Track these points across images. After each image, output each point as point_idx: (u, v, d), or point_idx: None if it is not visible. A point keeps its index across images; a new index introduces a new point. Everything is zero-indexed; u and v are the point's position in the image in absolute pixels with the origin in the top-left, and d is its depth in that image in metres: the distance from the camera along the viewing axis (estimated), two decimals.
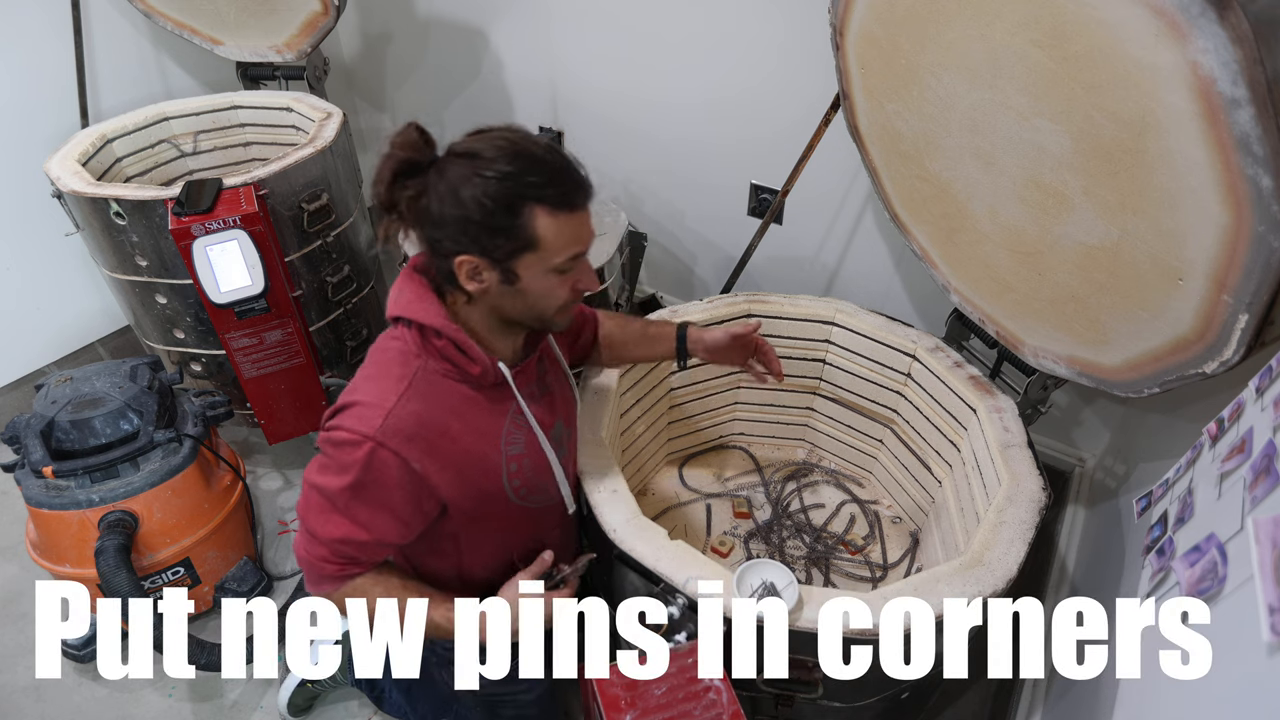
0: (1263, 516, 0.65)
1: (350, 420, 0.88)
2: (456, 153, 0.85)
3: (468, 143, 0.86)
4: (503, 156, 0.83)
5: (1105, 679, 1.01)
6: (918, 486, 1.59)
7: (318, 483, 0.91)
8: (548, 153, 0.86)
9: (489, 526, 1.04)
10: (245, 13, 1.96)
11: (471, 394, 0.95)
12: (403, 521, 0.94)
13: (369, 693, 1.48)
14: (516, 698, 1.25)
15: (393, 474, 0.89)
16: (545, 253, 0.87)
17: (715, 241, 2.15)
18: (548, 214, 0.85)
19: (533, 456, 1.03)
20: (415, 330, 0.92)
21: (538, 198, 0.84)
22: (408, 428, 0.89)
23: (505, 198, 0.83)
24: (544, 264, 0.88)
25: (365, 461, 0.87)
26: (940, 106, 1.20)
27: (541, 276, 0.89)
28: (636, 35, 1.92)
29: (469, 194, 0.82)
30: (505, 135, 0.86)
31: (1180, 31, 0.81)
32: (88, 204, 1.58)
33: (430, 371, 0.92)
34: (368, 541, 0.92)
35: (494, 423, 0.98)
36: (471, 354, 0.92)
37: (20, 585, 1.77)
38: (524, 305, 0.92)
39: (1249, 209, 0.83)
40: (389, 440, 0.87)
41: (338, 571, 0.94)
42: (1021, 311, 1.27)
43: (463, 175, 0.83)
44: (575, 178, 0.87)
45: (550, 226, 0.85)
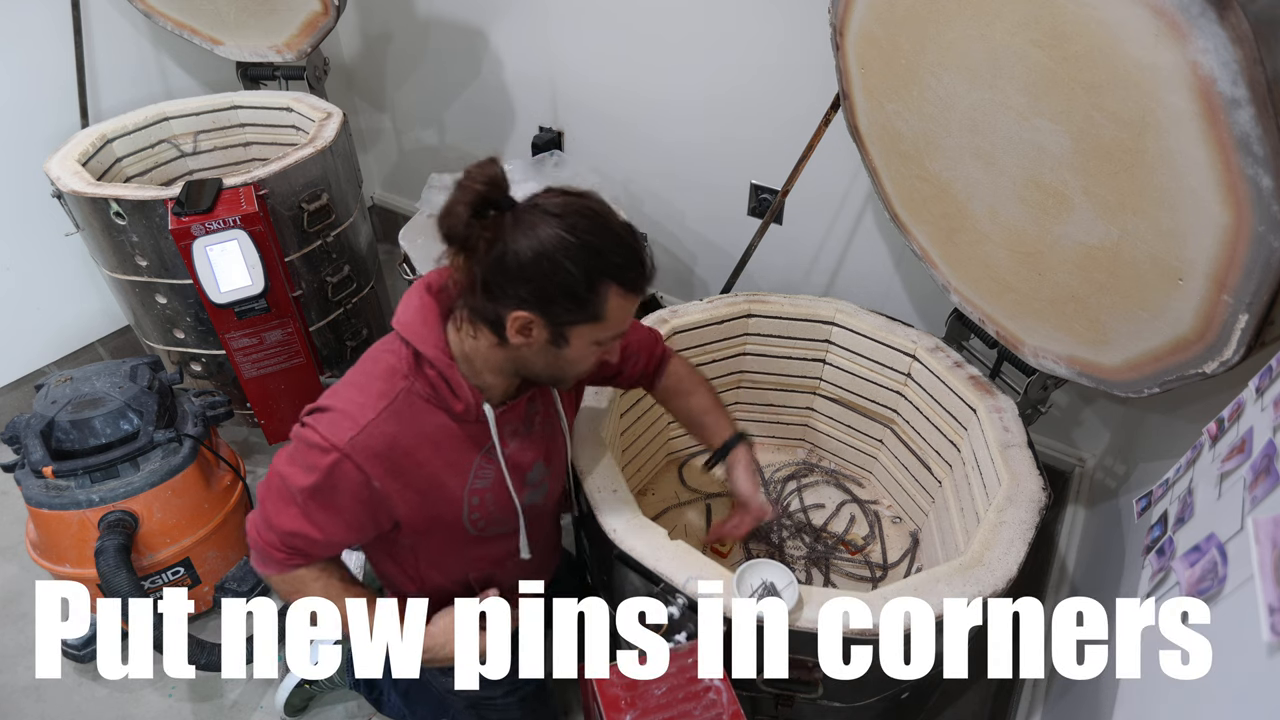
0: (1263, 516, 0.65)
1: (324, 425, 0.88)
2: (542, 208, 0.83)
3: (553, 201, 0.85)
4: (593, 229, 0.83)
5: (1105, 679, 1.01)
6: (918, 486, 1.59)
7: (283, 472, 0.91)
8: (628, 233, 0.88)
9: (443, 546, 1.05)
10: (245, 13, 1.97)
11: (449, 424, 0.95)
12: (355, 529, 0.94)
13: (367, 695, 1.48)
14: (495, 701, 1.25)
15: (352, 487, 0.90)
16: (603, 327, 0.89)
17: (715, 241, 2.15)
18: (620, 295, 0.86)
19: (497, 494, 1.03)
20: (410, 352, 0.92)
21: (615, 276, 0.85)
22: (377, 446, 0.89)
23: (588, 266, 0.83)
24: (595, 336, 0.90)
25: (328, 469, 0.87)
26: (940, 106, 1.20)
27: (586, 347, 0.91)
28: (636, 35, 1.92)
29: (554, 253, 0.81)
30: (591, 205, 0.86)
31: (1180, 31, 0.81)
32: (88, 204, 1.58)
33: (414, 394, 0.92)
34: (318, 540, 0.93)
35: (465, 455, 0.97)
36: (458, 391, 0.92)
37: (20, 585, 1.77)
38: (553, 366, 0.93)
39: (1249, 209, 0.83)
40: (355, 455, 0.88)
41: (284, 559, 0.95)
42: (1021, 311, 1.27)
43: (552, 235, 0.81)
44: (647, 264, 0.89)
45: (618, 306, 0.87)
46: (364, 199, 2.10)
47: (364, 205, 2.05)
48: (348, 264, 1.90)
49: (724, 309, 1.59)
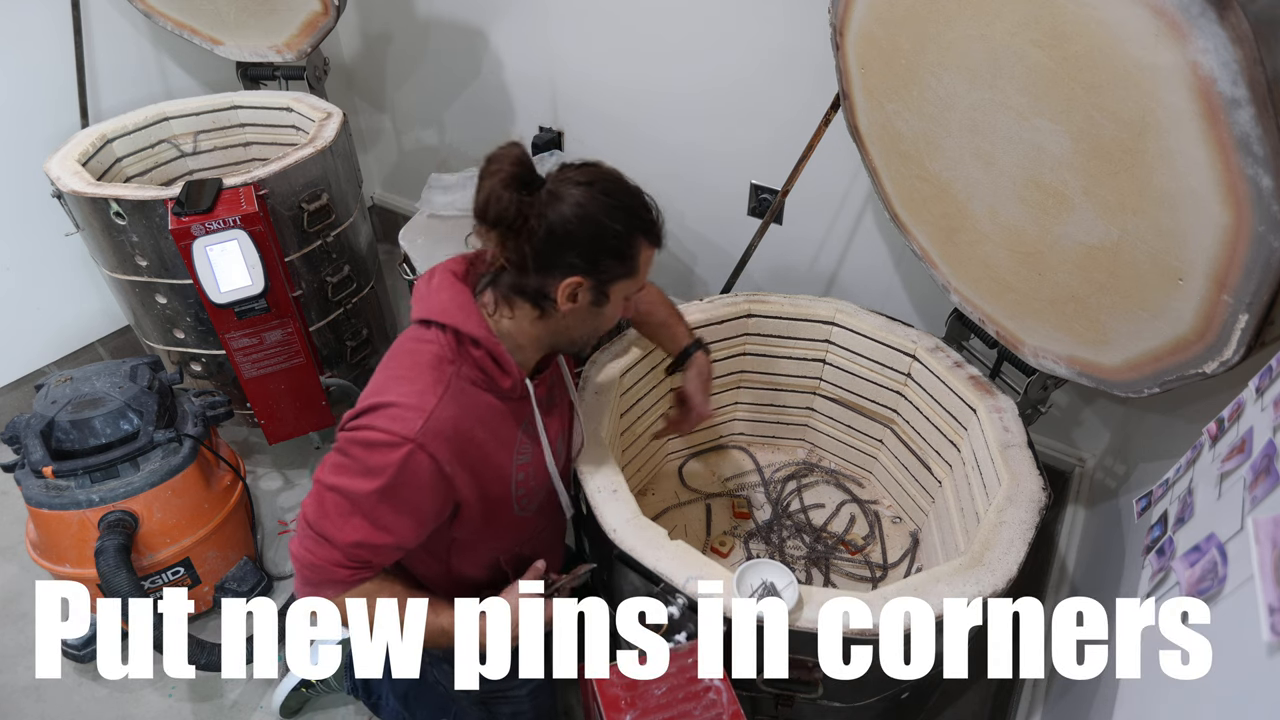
0: (1263, 516, 0.65)
1: (386, 421, 0.87)
2: (573, 179, 0.89)
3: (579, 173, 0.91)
4: (622, 190, 0.91)
5: (1105, 679, 1.01)
6: (918, 486, 1.59)
7: (338, 484, 0.89)
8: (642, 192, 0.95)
9: (487, 532, 1.06)
10: (245, 13, 1.96)
11: (495, 403, 0.97)
12: (422, 525, 0.94)
13: (365, 699, 1.47)
14: (510, 694, 1.26)
15: (426, 477, 0.89)
16: (635, 280, 0.96)
17: (715, 241, 2.15)
18: (647, 245, 0.94)
19: (537, 466, 1.06)
20: (451, 335, 0.93)
21: (645, 230, 0.92)
22: (446, 430, 0.90)
23: (627, 223, 0.90)
24: (629, 289, 0.96)
25: (401, 463, 0.87)
26: (940, 106, 1.20)
27: (620, 303, 0.97)
28: (636, 35, 1.92)
29: (599, 215, 0.88)
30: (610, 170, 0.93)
31: (1180, 31, 0.81)
32: (88, 204, 1.58)
33: (462, 378, 0.94)
34: (385, 545, 0.92)
35: (511, 432, 1.01)
36: (506, 367, 0.95)
37: (20, 585, 1.77)
38: (591, 328, 0.98)
39: (1249, 209, 0.83)
40: (429, 443, 0.88)
41: (349, 576, 0.93)
42: (1021, 311, 1.27)
43: (593, 199, 0.87)
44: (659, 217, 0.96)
45: (646, 256, 0.95)
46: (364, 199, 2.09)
47: (364, 205, 2.05)
48: (348, 264, 1.90)
49: (724, 309, 1.59)
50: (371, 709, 1.48)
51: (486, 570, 1.12)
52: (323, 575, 0.93)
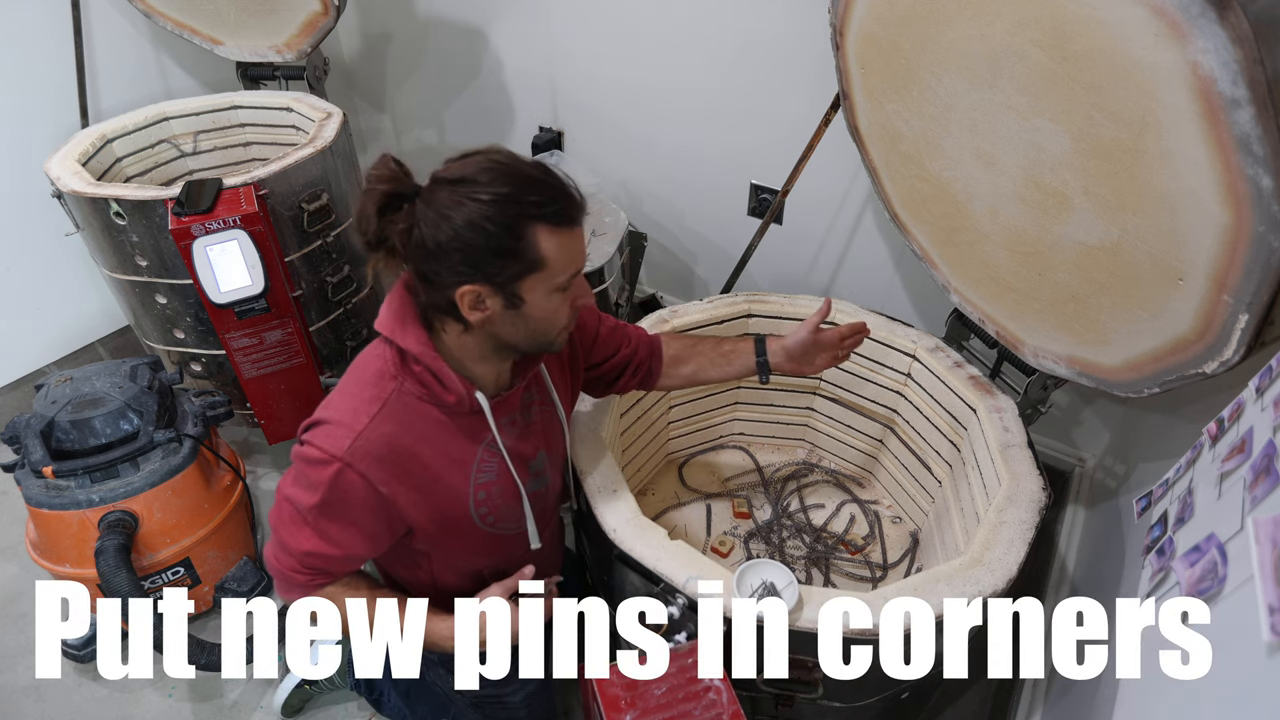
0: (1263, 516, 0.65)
1: (320, 438, 0.88)
2: (445, 180, 0.82)
3: (453, 169, 0.83)
4: (497, 179, 0.81)
5: (1105, 679, 1.01)
6: (918, 486, 1.59)
7: (289, 494, 0.91)
8: (540, 171, 0.84)
9: (457, 547, 1.05)
10: (245, 13, 1.96)
11: (445, 419, 0.94)
12: (371, 539, 0.94)
13: (367, 696, 1.48)
14: (505, 699, 1.25)
15: (359, 495, 0.89)
16: (549, 272, 0.85)
17: (715, 241, 2.15)
18: (550, 232, 0.82)
19: (504, 485, 1.02)
20: (395, 351, 0.91)
21: (539, 216, 0.82)
22: (376, 450, 0.88)
23: (506, 219, 0.80)
24: (548, 284, 0.86)
25: (332, 481, 0.87)
26: (940, 106, 1.20)
27: (545, 298, 0.87)
28: (637, 35, 1.92)
29: (468, 220, 0.79)
30: (492, 157, 0.83)
31: (1180, 31, 0.81)
32: (88, 204, 1.58)
33: (406, 393, 0.91)
34: (336, 556, 0.93)
35: (466, 449, 0.97)
36: (446, 383, 0.91)
37: (20, 585, 1.77)
38: (526, 330, 0.90)
39: (1249, 209, 0.83)
40: (357, 462, 0.87)
41: (307, 581, 0.95)
42: (1021, 311, 1.27)
43: (457, 202, 0.80)
44: (571, 193, 0.85)
45: (553, 245, 0.83)
46: None
47: None
48: (348, 264, 1.90)
49: (724, 309, 1.59)
50: (374, 705, 1.49)
51: (470, 581, 1.11)
52: (283, 580, 0.96)
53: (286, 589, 0.96)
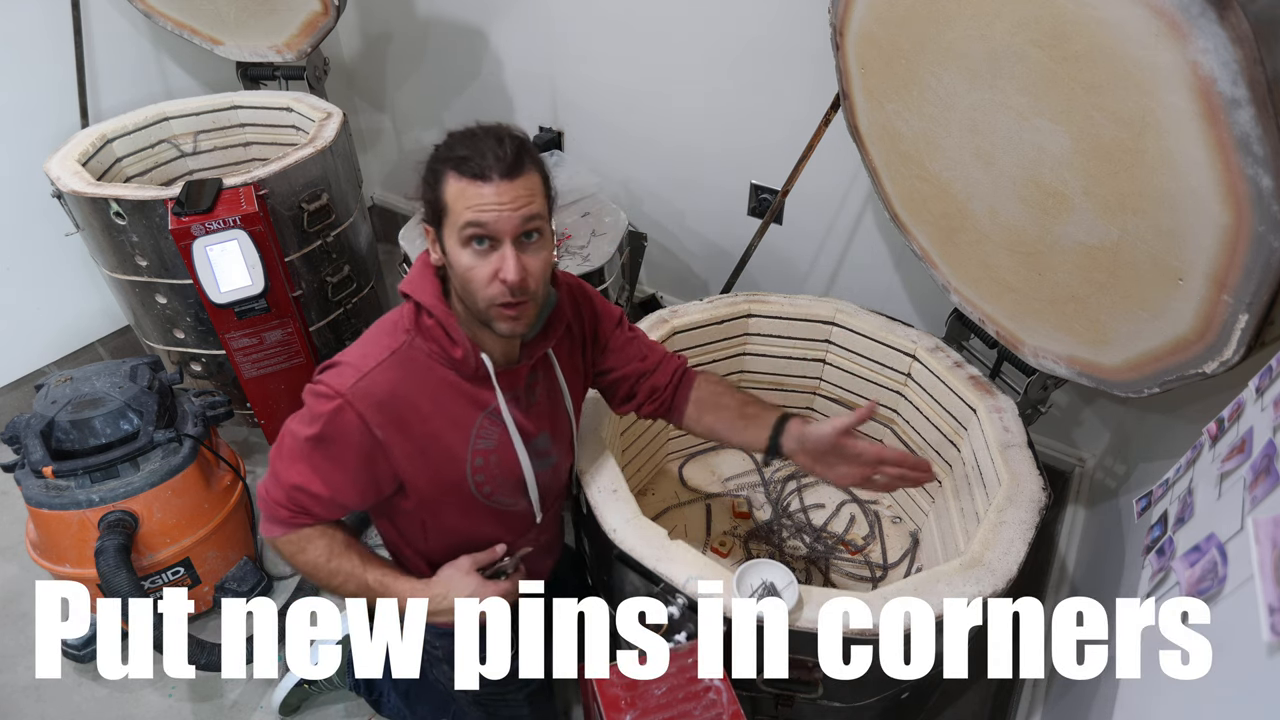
0: (1263, 516, 0.65)
1: (329, 376, 0.93)
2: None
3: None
4: (451, 136, 0.90)
5: (1105, 679, 1.01)
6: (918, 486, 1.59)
7: (291, 427, 0.95)
8: (485, 130, 0.89)
9: (451, 515, 1.05)
10: (245, 13, 1.96)
11: (453, 380, 0.97)
12: (358, 486, 0.96)
13: (366, 696, 1.48)
14: (508, 697, 1.25)
15: (354, 435, 0.92)
16: (453, 217, 0.88)
17: (715, 241, 2.15)
18: (455, 177, 0.87)
19: (503, 455, 1.03)
20: (412, 307, 0.96)
21: (448, 163, 0.88)
22: (379, 393, 0.92)
23: (433, 162, 0.90)
24: (453, 232, 0.89)
25: (330, 415, 0.91)
26: (940, 106, 1.20)
27: (458, 250, 0.89)
28: (637, 35, 1.92)
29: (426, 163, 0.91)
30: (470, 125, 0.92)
31: (1180, 31, 0.81)
32: (88, 204, 1.58)
33: (416, 349, 0.96)
34: (323, 495, 0.95)
35: (468, 413, 1.00)
36: (455, 337, 0.95)
37: (20, 585, 1.77)
38: (460, 284, 0.92)
39: (1249, 209, 0.83)
40: (356, 402, 0.91)
41: (289, 518, 0.97)
42: (1021, 311, 1.27)
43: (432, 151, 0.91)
44: (494, 150, 0.86)
45: (454, 191, 0.87)
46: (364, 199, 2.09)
47: (364, 205, 2.05)
48: (348, 264, 1.90)
49: (724, 309, 1.59)
50: (373, 706, 1.49)
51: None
52: (268, 513, 0.98)
53: (269, 523, 0.99)
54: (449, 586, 1.02)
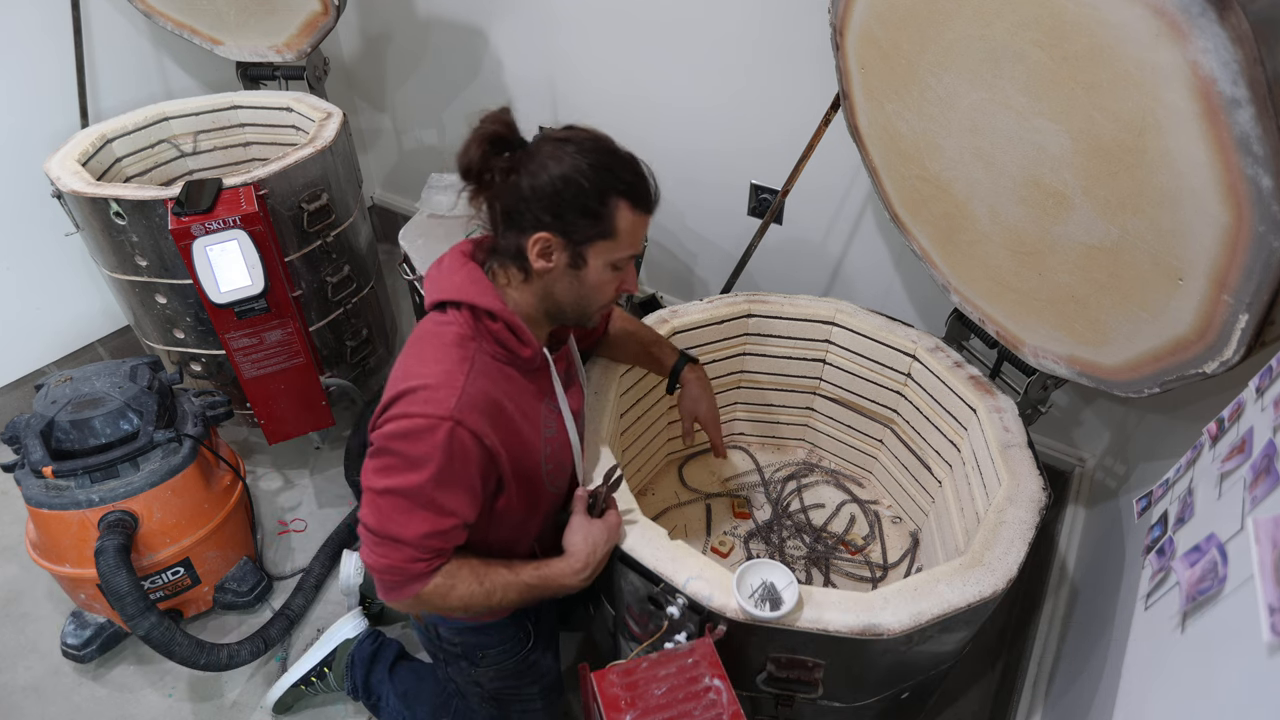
0: (1263, 516, 0.65)
1: (419, 406, 0.88)
2: (553, 138, 0.91)
3: (561, 132, 0.93)
4: (599, 149, 0.91)
5: (1105, 679, 1.01)
6: (918, 486, 1.59)
7: (391, 486, 0.89)
8: (632, 158, 0.95)
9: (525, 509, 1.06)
10: (245, 13, 1.96)
11: (518, 377, 0.99)
12: (477, 499, 0.95)
13: (364, 700, 1.48)
14: (523, 692, 1.26)
15: (472, 451, 0.91)
16: (616, 243, 0.93)
17: (715, 241, 2.15)
18: (629, 208, 0.92)
19: (560, 441, 1.07)
20: (468, 313, 0.95)
21: (624, 191, 0.91)
22: (480, 403, 0.91)
23: (599, 183, 0.89)
24: (610, 254, 0.94)
25: (445, 443, 0.88)
26: (940, 106, 1.20)
27: (603, 268, 0.95)
28: (637, 35, 1.92)
29: (565, 173, 0.88)
30: (596, 134, 0.94)
31: (1180, 31, 0.81)
32: (88, 204, 1.58)
33: (485, 353, 0.95)
34: (452, 527, 0.93)
35: (535, 405, 1.02)
36: (524, 337, 0.96)
37: (20, 585, 1.77)
38: (576, 294, 0.97)
39: (1249, 209, 0.83)
40: (466, 417, 0.89)
41: (426, 568, 0.94)
42: (1021, 311, 1.27)
43: (562, 155, 0.89)
44: (653, 185, 0.96)
45: (627, 220, 0.92)
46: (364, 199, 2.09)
47: (364, 205, 2.05)
48: (348, 264, 1.90)
49: (724, 309, 1.59)
50: (371, 710, 1.48)
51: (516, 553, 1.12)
52: (402, 575, 0.93)
53: (405, 584, 0.93)
54: (592, 545, 1.04)
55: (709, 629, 1.02)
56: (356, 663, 1.47)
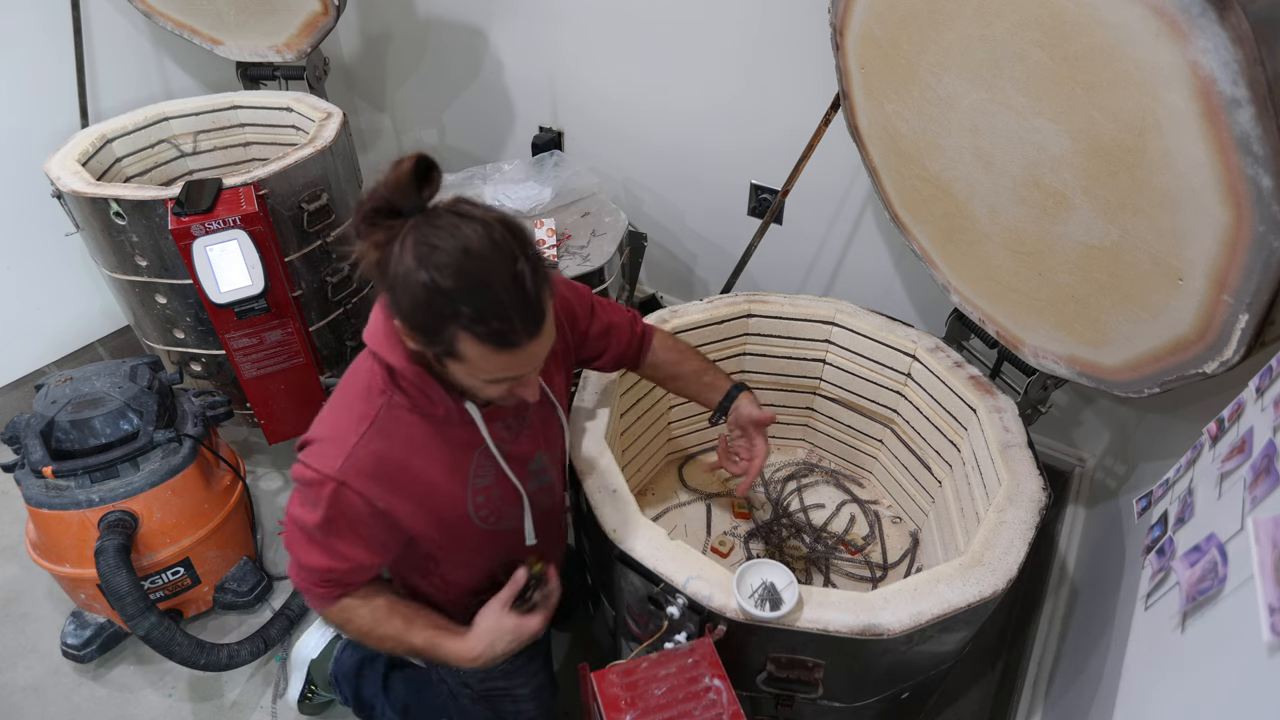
0: (1263, 516, 0.65)
1: (314, 459, 0.89)
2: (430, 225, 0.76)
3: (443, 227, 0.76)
4: (450, 268, 0.74)
5: (1105, 678, 1.01)
6: (918, 486, 1.59)
7: (294, 515, 0.93)
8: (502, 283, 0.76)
9: (461, 548, 1.06)
10: (245, 13, 1.96)
11: (437, 429, 0.94)
12: (375, 550, 0.97)
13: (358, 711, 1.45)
14: (514, 692, 1.26)
15: (359, 512, 0.91)
16: (471, 368, 0.82)
17: (715, 241, 2.15)
18: (475, 343, 0.78)
19: (503, 490, 1.04)
20: (383, 365, 0.91)
21: (466, 328, 0.77)
22: (369, 467, 0.90)
23: (434, 314, 0.77)
24: (470, 376, 0.84)
25: (331, 499, 0.89)
26: (940, 106, 1.20)
27: (467, 377, 0.85)
28: (637, 35, 1.92)
29: (409, 288, 0.76)
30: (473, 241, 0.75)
31: (1180, 31, 0.81)
32: (88, 204, 1.58)
33: (396, 406, 0.92)
34: (347, 569, 0.96)
35: (461, 457, 0.98)
36: (433, 397, 0.92)
37: (20, 585, 1.77)
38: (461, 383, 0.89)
39: (1249, 209, 0.83)
40: (351, 480, 0.89)
41: (326, 594, 0.98)
42: (1021, 311, 1.27)
43: (413, 262, 0.75)
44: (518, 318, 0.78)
45: (476, 353, 0.79)
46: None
47: None
48: (348, 264, 1.90)
49: (724, 309, 1.59)
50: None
51: (483, 579, 1.13)
52: (308, 595, 0.99)
53: (312, 601, 1.00)
54: (493, 638, 1.03)
55: (709, 629, 1.02)
56: (340, 680, 1.42)
